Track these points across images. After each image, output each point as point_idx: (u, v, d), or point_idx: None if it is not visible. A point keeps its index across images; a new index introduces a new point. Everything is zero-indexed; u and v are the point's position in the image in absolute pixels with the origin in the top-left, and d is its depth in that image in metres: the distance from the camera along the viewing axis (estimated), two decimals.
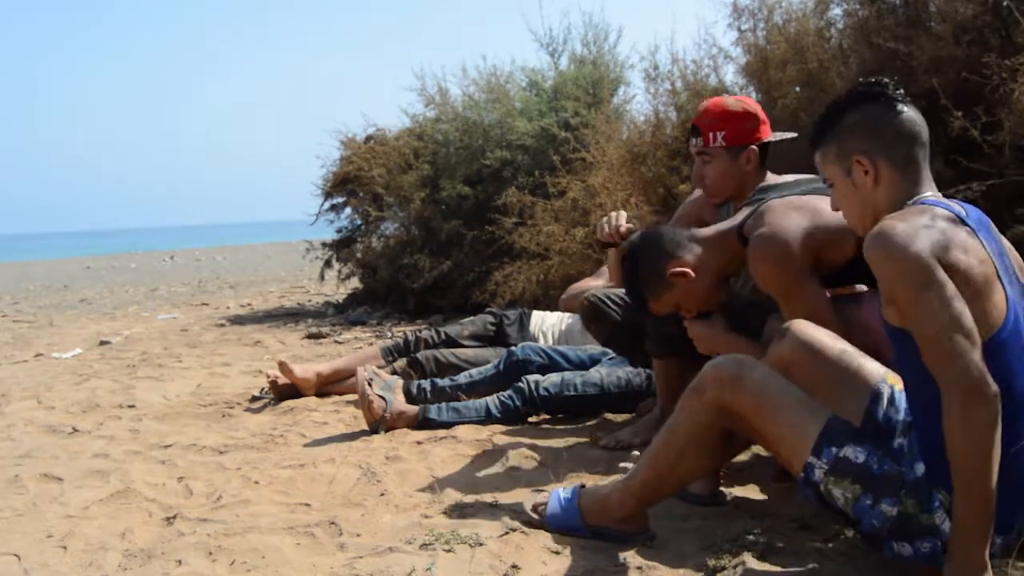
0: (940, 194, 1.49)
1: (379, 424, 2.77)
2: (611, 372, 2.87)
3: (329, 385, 3.39)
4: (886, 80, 1.53)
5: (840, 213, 1.61)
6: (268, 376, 3.39)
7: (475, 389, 2.97)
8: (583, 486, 1.90)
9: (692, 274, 2.04)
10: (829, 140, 1.55)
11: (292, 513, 2.06)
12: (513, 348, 3.09)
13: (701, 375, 1.66)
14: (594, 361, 3.02)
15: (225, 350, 4.86)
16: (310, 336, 5.23)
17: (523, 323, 3.59)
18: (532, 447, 2.50)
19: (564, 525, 1.83)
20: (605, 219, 2.42)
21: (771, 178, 2.27)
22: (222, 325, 6.15)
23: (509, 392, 2.86)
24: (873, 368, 1.64)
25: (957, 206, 1.45)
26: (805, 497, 1.59)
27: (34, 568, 1.79)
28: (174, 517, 2.04)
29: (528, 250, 4.84)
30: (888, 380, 1.60)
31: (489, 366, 3.08)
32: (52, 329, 6.52)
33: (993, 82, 2.46)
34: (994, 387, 1.30)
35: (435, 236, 6.01)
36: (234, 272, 14.07)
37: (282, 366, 3.31)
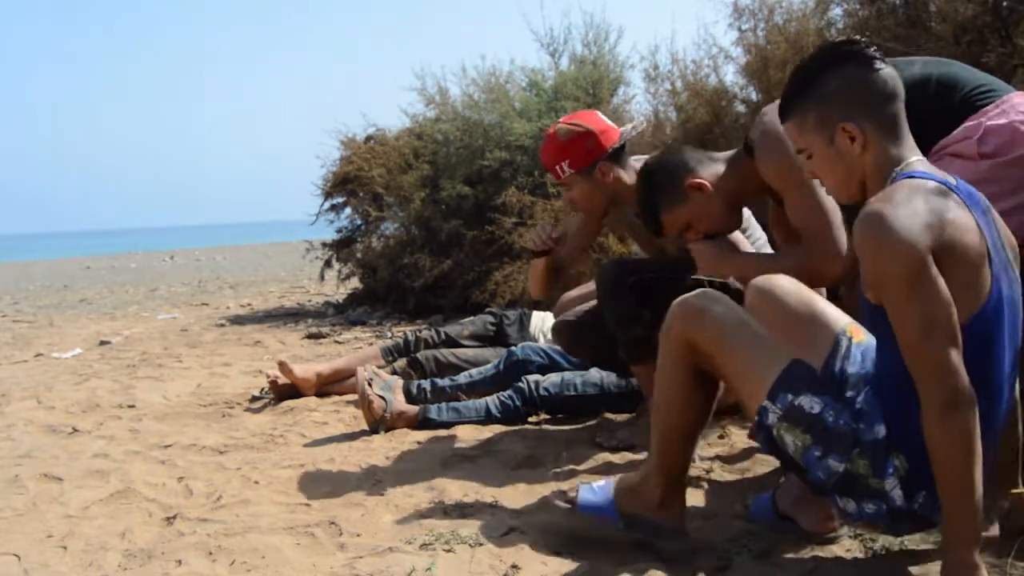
0: (923, 158, 1.45)
1: (379, 424, 2.77)
2: (611, 372, 2.87)
3: (329, 385, 3.39)
4: (858, 38, 1.47)
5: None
6: (268, 376, 3.39)
7: (475, 389, 2.97)
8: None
9: (709, 188, 2.01)
10: (806, 108, 1.47)
11: (292, 513, 2.06)
12: (513, 348, 3.09)
13: (670, 313, 1.62)
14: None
15: (225, 350, 4.86)
16: (310, 336, 5.23)
17: (523, 323, 3.59)
18: (532, 447, 2.51)
19: (596, 509, 1.73)
20: (537, 228, 2.50)
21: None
22: (222, 325, 6.15)
23: (509, 392, 2.86)
24: (836, 317, 1.63)
25: (944, 175, 1.41)
26: (758, 441, 1.57)
27: (34, 568, 1.79)
28: (174, 517, 2.04)
29: (528, 250, 4.84)
30: (848, 332, 1.59)
31: (489, 366, 3.08)
32: (52, 329, 6.52)
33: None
34: (971, 393, 1.29)
35: (435, 236, 6.01)
36: (234, 272, 14.07)
37: (282, 366, 3.31)
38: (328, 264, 6.97)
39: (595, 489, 1.76)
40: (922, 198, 1.33)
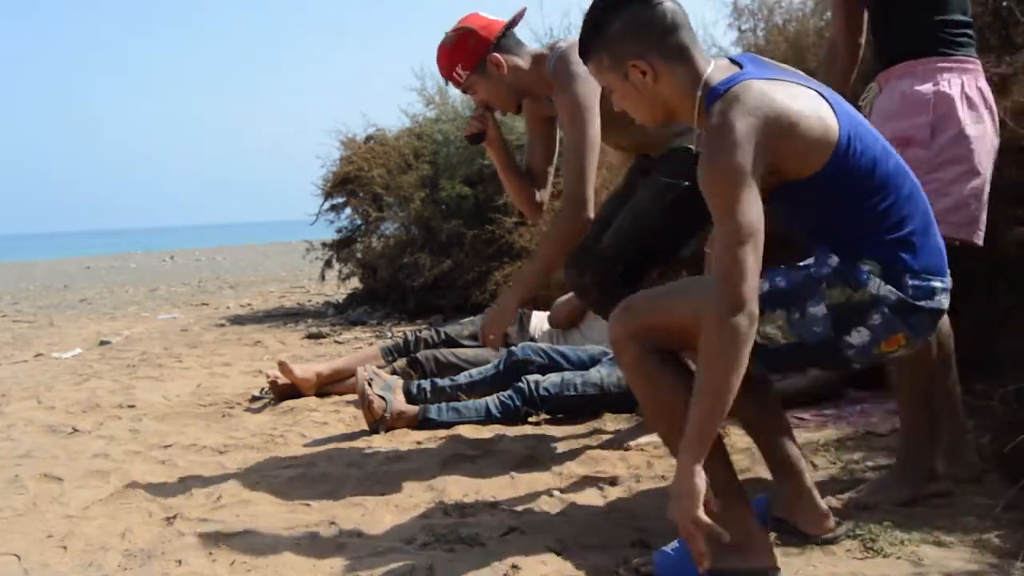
0: (721, 59, 1.57)
1: (379, 424, 2.77)
2: (611, 372, 2.87)
3: (329, 385, 3.39)
4: None
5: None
6: (268, 376, 3.39)
7: (475, 389, 2.97)
8: None
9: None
10: (599, 51, 1.57)
11: (292, 513, 2.06)
12: (513, 348, 3.09)
13: (611, 336, 1.62)
14: (594, 361, 3.02)
15: (225, 350, 4.86)
16: (310, 336, 5.23)
17: (523, 323, 3.59)
18: (532, 447, 2.51)
19: (676, 570, 1.55)
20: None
21: None
22: (222, 325, 6.15)
23: (509, 392, 2.86)
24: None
25: (754, 63, 1.56)
26: (760, 369, 1.56)
27: (34, 568, 1.79)
28: (174, 517, 2.04)
29: (528, 250, 4.83)
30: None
31: (489, 366, 3.08)
32: (52, 329, 6.52)
33: (994, 79, 2.46)
34: (754, 311, 1.38)
35: (435, 236, 6.01)
36: (234, 272, 14.06)
37: (282, 366, 3.31)
38: (328, 264, 6.97)
39: (669, 551, 1.60)
40: (737, 114, 1.41)
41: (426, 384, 2.97)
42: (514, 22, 2.42)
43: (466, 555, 1.72)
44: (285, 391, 3.33)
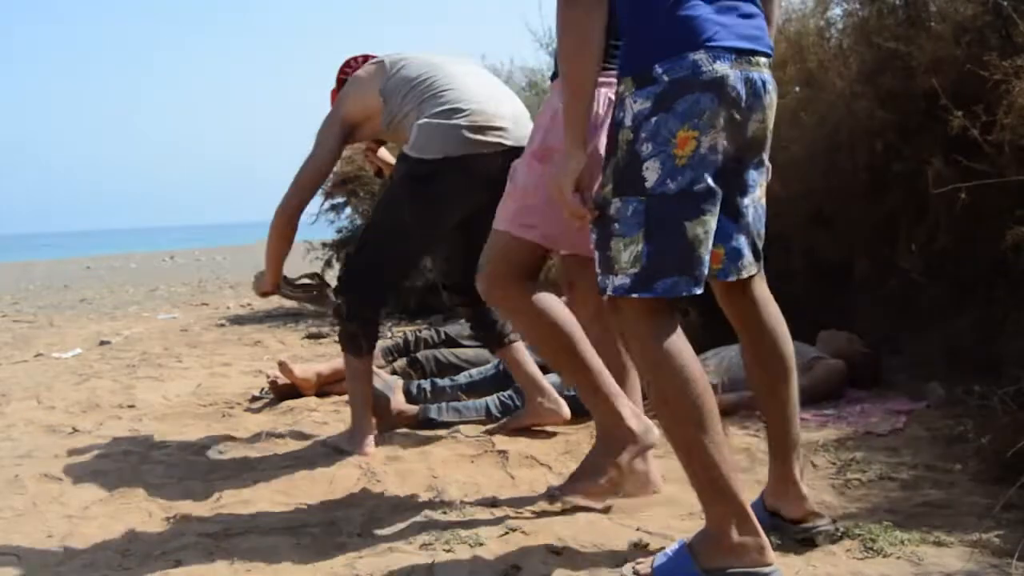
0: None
1: (381, 424, 2.78)
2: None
3: (329, 385, 3.38)
4: None
5: None
6: (268, 376, 3.39)
7: (475, 389, 2.96)
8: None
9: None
10: None
11: (292, 513, 2.06)
12: None
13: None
14: None
15: (225, 350, 4.85)
16: (310, 336, 5.23)
17: None
18: (532, 447, 2.50)
19: (674, 572, 1.53)
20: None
21: None
22: (222, 325, 6.15)
23: (509, 392, 2.86)
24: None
25: None
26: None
27: (34, 568, 1.78)
28: (174, 517, 2.04)
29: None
30: None
31: (489, 366, 3.08)
32: (52, 329, 6.52)
33: (994, 79, 2.46)
34: None
35: None
36: (234, 272, 14.05)
37: (282, 366, 3.31)
38: (328, 264, 6.96)
39: (668, 552, 1.56)
40: None
41: (426, 384, 2.97)
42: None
43: (466, 555, 1.72)
44: (285, 391, 3.33)
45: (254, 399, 3.38)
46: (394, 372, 3.22)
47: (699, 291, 1.50)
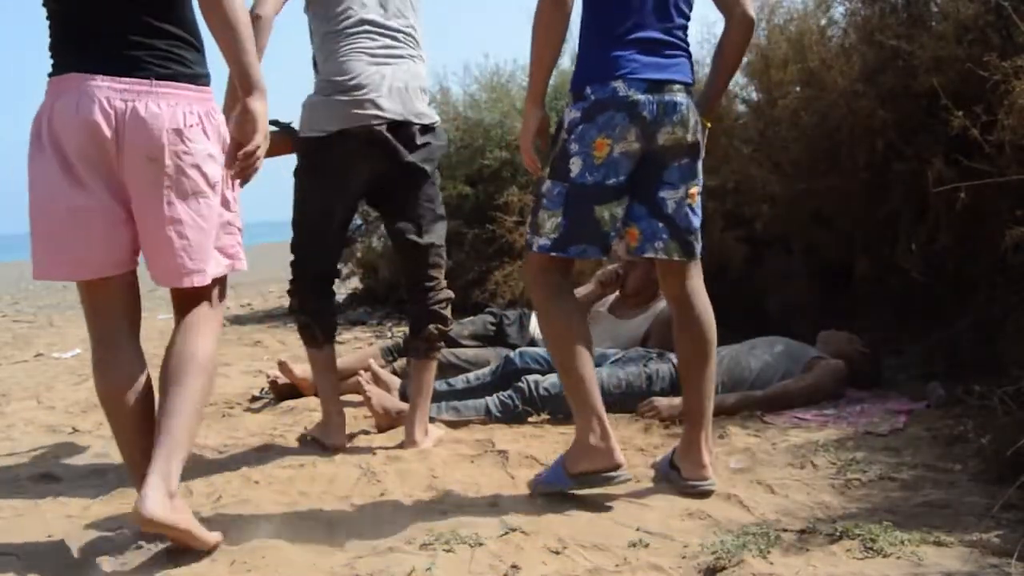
0: None
1: (385, 425, 2.78)
2: (612, 374, 2.87)
3: None
4: None
5: None
6: (268, 376, 3.39)
7: (471, 396, 2.95)
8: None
9: None
10: None
11: (292, 513, 2.06)
12: (511, 356, 3.07)
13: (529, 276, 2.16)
14: (595, 364, 3.01)
15: (225, 350, 4.85)
16: None
17: (523, 323, 3.59)
18: (532, 447, 2.50)
19: (549, 482, 2.03)
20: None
21: None
22: (222, 325, 6.14)
23: (509, 392, 2.85)
24: None
25: None
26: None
27: (34, 568, 1.78)
28: None
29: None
30: None
31: (486, 370, 3.06)
32: (52, 329, 6.52)
33: (995, 78, 2.46)
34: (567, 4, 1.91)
35: None
36: (234, 272, 14.05)
37: (282, 366, 3.31)
38: None
39: (549, 466, 2.08)
40: None
41: None
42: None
43: (466, 555, 1.72)
44: (285, 391, 3.32)
45: (254, 399, 3.38)
46: (394, 372, 3.22)
47: (604, 257, 2.21)
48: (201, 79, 1.78)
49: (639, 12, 1.96)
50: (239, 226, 1.93)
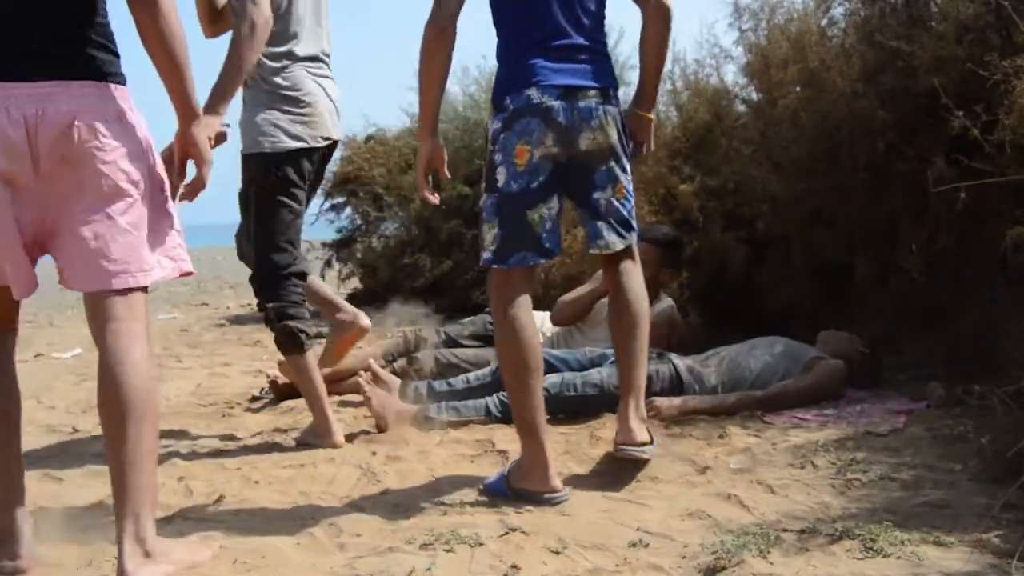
0: None
1: (384, 425, 2.78)
2: (612, 373, 2.86)
3: (329, 385, 3.37)
4: None
5: None
6: (268, 376, 3.39)
7: (471, 396, 2.94)
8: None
9: None
10: None
11: (292, 513, 2.06)
12: None
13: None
14: (595, 364, 3.01)
15: (225, 350, 4.85)
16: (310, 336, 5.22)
17: None
18: None
19: (492, 490, 2.11)
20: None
21: None
22: (222, 325, 6.15)
23: None
24: None
25: None
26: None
27: (34, 568, 1.78)
28: (174, 517, 2.04)
29: None
30: None
31: (486, 371, 3.06)
32: (52, 329, 6.52)
33: (995, 78, 2.47)
34: (444, 27, 2.02)
35: (435, 236, 6.00)
36: (234, 272, 14.04)
37: (282, 366, 3.30)
38: (328, 264, 6.97)
39: (497, 474, 2.17)
40: None
41: (423, 387, 2.97)
42: None
43: (466, 555, 1.72)
44: (285, 391, 3.32)
45: (254, 399, 3.38)
46: (394, 372, 3.22)
47: (544, 260, 2.11)
48: (115, 77, 1.67)
49: (548, 20, 2.04)
50: (178, 228, 1.79)
